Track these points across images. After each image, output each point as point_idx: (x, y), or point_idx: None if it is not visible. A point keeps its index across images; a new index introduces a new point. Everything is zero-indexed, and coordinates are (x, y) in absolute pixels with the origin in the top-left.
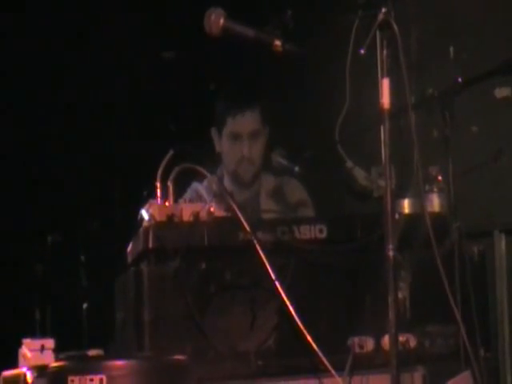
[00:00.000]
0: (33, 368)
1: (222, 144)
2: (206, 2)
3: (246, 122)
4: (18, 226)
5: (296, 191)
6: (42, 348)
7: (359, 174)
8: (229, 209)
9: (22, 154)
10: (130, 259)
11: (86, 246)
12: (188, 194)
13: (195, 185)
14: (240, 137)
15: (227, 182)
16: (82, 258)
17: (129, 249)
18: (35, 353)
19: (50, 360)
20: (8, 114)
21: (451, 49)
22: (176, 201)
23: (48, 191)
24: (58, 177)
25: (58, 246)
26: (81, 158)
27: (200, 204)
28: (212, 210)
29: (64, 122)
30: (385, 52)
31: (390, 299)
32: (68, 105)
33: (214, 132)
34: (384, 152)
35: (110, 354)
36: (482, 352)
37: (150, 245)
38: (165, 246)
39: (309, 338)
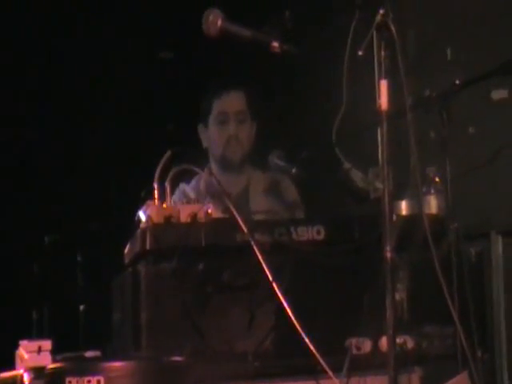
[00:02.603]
0: (30, 369)
1: (210, 133)
2: (204, 3)
3: (232, 100)
4: (15, 226)
5: (290, 190)
6: (39, 349)
7: (356, 176)
8: (226, 210)
9: (20, 153)
10: (127, 260)
11: (83, 247)
12: (176, 196)
13: (182, 186)
14: (227, 118)
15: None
16: (79, 258)
17: (126, 250)
18: (32, 354)
19: (48, 361)
20: (7, 114)
21: (448, 50)
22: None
23: (45, 191)
24: (56, 177)
25: (55, 247)
26: (78, 158)
27: (197, 205)
28: (209, 211)
29: (62, 122)
30: (383, 53)
31: (388, 300)
32: (67, 105)
33: (200, 128)
34: (381, 153)
35: (108, 355)
36: (479, 353)
37: (148, 246)
38: (162, 246)
39: (306, 339)
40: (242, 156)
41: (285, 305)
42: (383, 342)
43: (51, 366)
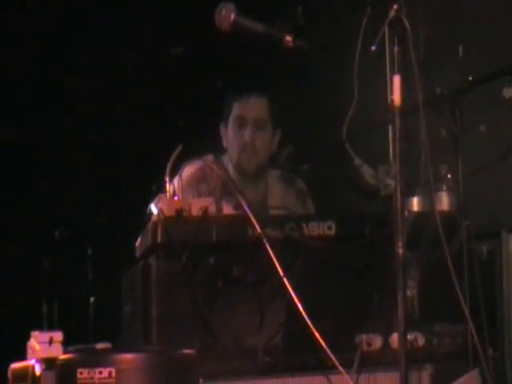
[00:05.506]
0: (41, 360)
1: (228, 134)
2: None
3: (251, 106)
4: (25, 221)
5: (299, 181)
6: (51, 341)
7: (367, 172)
8: (238, 206)
9: (29, 149)
10: (138, 253)
11: (93, 241)
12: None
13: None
14: (245, 123)
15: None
16: (89, 252)
17: (137, 243)
18: (44, 345)
19: (59, 353)
20: (13, 110)
21: (460, 48)
22: None
23: (56, 185)
24: (66, 171)
25: (66, 240)
26: (89, 151)
27: (209, 199)
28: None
29: (71, 115)
30: (396, 49)
31: (399, 297)
32: (77, 99)
33: (221, 127)
34: (394, 150)
35: (119, 348)
36: (490, 351)
37: (159, 239)
38: (173, 240)
39: (316, 334)
40: (258, 165)
41: (295, 300)
42: (394, 338)
43: (62, 357)
